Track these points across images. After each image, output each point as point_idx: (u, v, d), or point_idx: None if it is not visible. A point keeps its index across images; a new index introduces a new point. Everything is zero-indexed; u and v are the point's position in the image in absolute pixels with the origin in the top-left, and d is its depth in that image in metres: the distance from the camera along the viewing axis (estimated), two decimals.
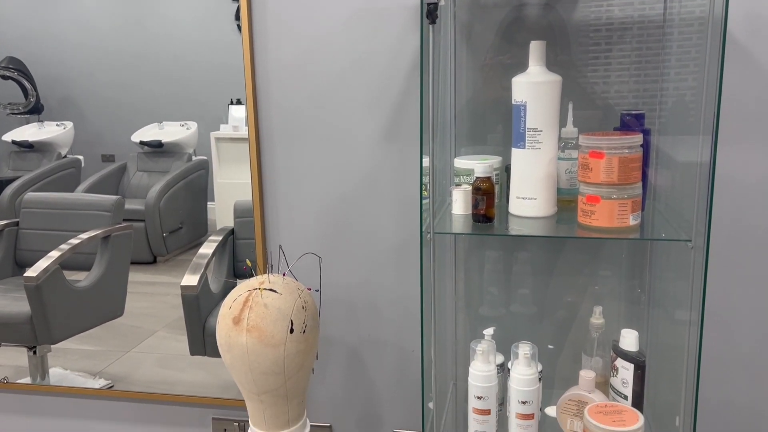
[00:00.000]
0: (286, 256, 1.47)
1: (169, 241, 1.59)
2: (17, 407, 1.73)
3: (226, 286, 1.56)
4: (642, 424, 1.07)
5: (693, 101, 1.21)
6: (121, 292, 1.62)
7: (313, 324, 1.23)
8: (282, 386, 1.22)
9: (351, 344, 1.52)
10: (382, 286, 1.46)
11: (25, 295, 1.66)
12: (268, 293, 1.19)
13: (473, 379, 1.12)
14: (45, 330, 1.67)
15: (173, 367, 1.63)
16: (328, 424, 1.57)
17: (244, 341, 1.17)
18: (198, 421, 1.63)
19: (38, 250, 1.64)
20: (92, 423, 1.69)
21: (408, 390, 1.51)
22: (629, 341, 1.16)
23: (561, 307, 1.37)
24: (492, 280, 1.39)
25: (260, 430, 1.27)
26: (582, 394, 1.18)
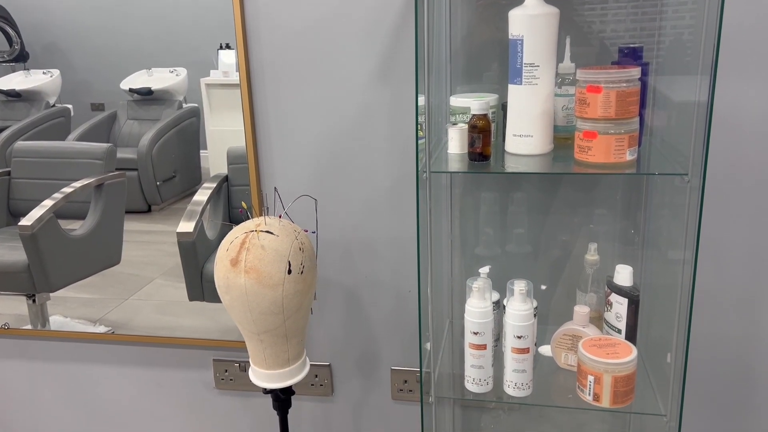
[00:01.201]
0: (281, 199, 1.46)
1: (163, 189, 1.58)
2: (19, 353, 1.75)
3: (222, 232, 1.57)
4: (635, 356, 1.10)
5: (691, 40, 1.19)
6: (117, 240, 1.62)
7: (311, 265, 1.24)
8: (281, 326, 1.23)
9: (348, 285, 1.53)
10: (379, 227, 1.47)
11: (20, 244, 1.66)
12: (265, 235, 1.20)
13: (469, 316, 1.14)
14: (43, 278, 1.68)
15: (172, 313, 1.65)
16: (327, 363, 1.60)
17: (243, 282, 1.18)
18: (199, 363, 1.66)
19: (31, 199, 1.64)
20: (94, 366, 1.72)
21: (405, 329, 1.53)
22: (623, 276, 1.17)
23: (556, 246, 1.38)
24: (488, 220, 1.40)
25: (261, 368, 1.29)
26: (576, 328, 1.20)
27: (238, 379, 1.64)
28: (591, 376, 1.10)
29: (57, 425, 1.79)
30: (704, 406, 1.44)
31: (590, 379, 1.10)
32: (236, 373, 1.64)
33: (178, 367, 1.67)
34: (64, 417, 1.78)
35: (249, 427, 1.68)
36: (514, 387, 1.15)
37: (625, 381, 1.09)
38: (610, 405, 1.09)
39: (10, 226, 1.68)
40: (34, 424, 1.80)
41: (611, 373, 1.08)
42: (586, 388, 1.11)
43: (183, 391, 1.69)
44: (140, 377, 1.70)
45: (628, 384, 1.09)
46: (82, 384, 1.74)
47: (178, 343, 1.63)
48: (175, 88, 1.50)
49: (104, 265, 1.64)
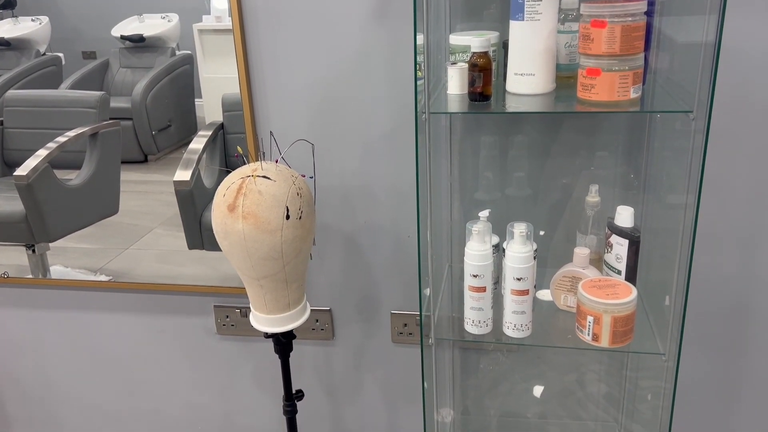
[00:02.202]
0: (278, 144, 1.44)
1: (159, 139, 1.56)
2: (22, 301, 1.76)
3: (219, 180, 1.55)
4: (635, 296, 1.10)
5: None
6: (114, 189, 1.61)
7: (309, 210, 1.23)
8: (281, 271, 1.23)
9: (348, 231, 1.52)
10: (378, 171, 1.45)
11: (17, 194, 1.65)
12: (262, 180, 1.18)
13: (469, 259, 1.14)
14: (41, 228, 1.67)
15: (173, 262, 1.65)
16: (328, 308, 1.61)
17: (241, 228, 1.17)
18: (200, 309, 1.67)
19: (25, 149, 1.62)
20: (96, 314, 1.73)
21: (405, 273, 1.53)
22: (624, 217, 1.16)
23: (557, 188, 1.37)
24: (488, 164, 1.38)
25: (261, 313, 1.30)
26: (576, 270, 1.20)
27: (240, 325, 1.66)
28: (590, 316, 1.10)
29: (62, 372, 1.82)
30: (702, 345, 1.46)
31: (589, 319, 1.10)
32: (237, 319, 1.65)
33: (179, 314, 1.68)
34: (68, 364, 1.80)
35: (251, 371, 1.71)
36: (513, 328, 1.16)
37: (624, 321, 1.09)
38: (609, 345, 1.10)
39: (6, 176, 1.66)
40: (39, 371, 1.83)
41: (610, 313, 1.08)
42: (585, 328, 1.12)
43: (185, 337, 1.71)
44: (142, 324, 1.71)
45: (627, 324, 1.10)
46: (85, 331, 1.76)
47: (178, 290, 1.64)
48: (168, 35, 1.46)
49: (102, 214, 1.64)
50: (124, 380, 1.79)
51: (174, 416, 1.80)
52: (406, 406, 1.67)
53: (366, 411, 1.69)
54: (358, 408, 1.69)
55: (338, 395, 1.69)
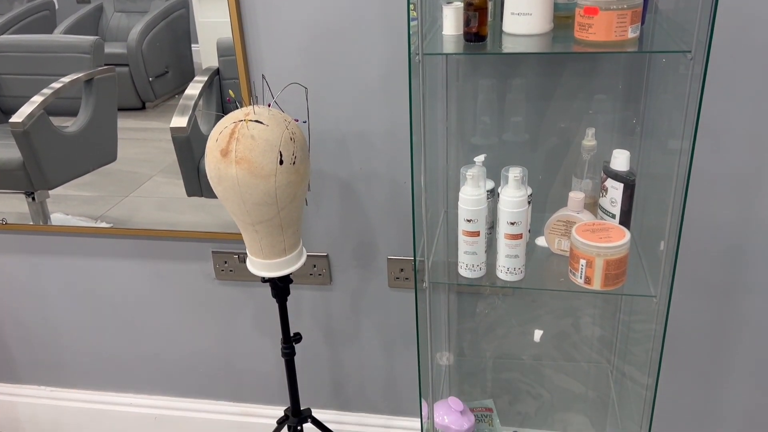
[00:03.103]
0: (270, 87, 1.42)
1: (156, 85, 1.54)
2: (23, 248, 1.78)
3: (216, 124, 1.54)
4: (628, 239, 1.10)
5: None
6: (112, 136, 1.60)
7: (303, 155, 1.22)
8: (276, 216, 1.23)
9: (343, 177, 1.52)
10: (373, 116, 1.43)
11: (12, 141, 1.64)
12: (255, 125, 1.17)
13: (463, 203, 1.14)
14: (39, 175, 1.67)
15: (172, 209, 1.66)
16: (325, 254, 1.62)
17: (234, 173, 1.17)
18: (198, 255, 1.68)
19: (20, 95, 1.60)
20: (97, 260, 1.75)
21: (401, 219, 1.54)
22: (620, 161, 1.16)
23: (554, 133, 1.36)
24: (484, 108, 1.36)
25: (258, 258, 1.31)
26: (570, 214, 1.20)
27: (238, 270, 1.68)
28: (583, 260, 1.11)
29: (64, 317, 1.85)
30: (694, 288, 1.47)
31: (582, 263, 1.11)
32: (236, 265, 1.67)
33: (178, 260, 1.70)
34: (70, 309, 1.83)
35: (251, 314, 1.74)
36: (506, 272, 1.17)
37: (616, 264, 1.10)
38: (601, 287, 1.11)
39: (2, 123, 1.65)
40: (41, 316, 1.86)
41: (603, 256, 1.09)
42: (578, 271, 1.12)
43: (184, 283, 1.73)
44: (142, 270, 1.73)
45: (620, 267, 1.11)
46: (86, 277, 1.78)
47: (177, 236, 1.65)
48: None
49: (100, 162, 1.63)
50: (126, 325, 1.82)
51: (175, 359, 1.84)
52: (403, 349, 1.70)
53: (364, 354, 1.73)
54: (355, 351, 1.73)
55: (336, 338, 1.72)
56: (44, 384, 1.97)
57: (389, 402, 1.78)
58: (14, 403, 1.98)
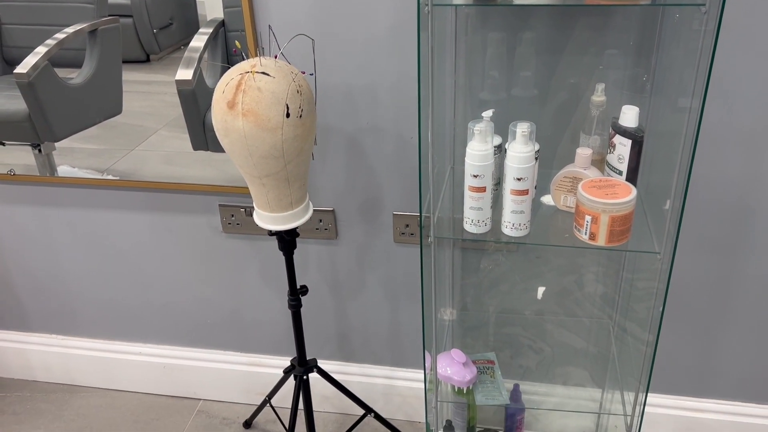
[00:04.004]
0: (277, 38, 1.40)
1: (161, 37, 1.52)
2: (32, 199, 1.79)
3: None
4: (634, 196, 1.10)
5: None
6: (117, 88, 1.58)
7: (310, 108, 1.22)
8: (282, 170, 1.24)
9: (350, 132, 1.51)
10: (380, 70, 1.42)
11: (18, 93, 1.63)
12: (261, 76, 1.16)
13: (470, 159, 1.14)
14: (45, 127, 1.67)
15: (178, 163, 1.66)
16: (331, 209, 1.63)
17: (241, 126, 1.16)
18: (205, 208, 1.69)
19: (24, 46, 1.58)
20: (105, 212, 1.76)
21: (408, 175, 1.54)
22: (629, 117, 1.15)
23: (563, 89, 1.34)
24: (493, 63, 1.34)
25: (264, 211, 1.32)
26: (577, 170, 1.20)
27: (245, 224, 1.69)
28: (588, 216, 1.11)
29: (73, 268, 1.87)
30: (699, 245, 1.48)
31: (587, 219, 1.11)
32: (242, 218, 1.68)
33: (186, 213, 1.71)
34: (79, 260, 1.86)
35: (257, 267, 1.76)
36: (511, 227, 1.17)
37: (621, 221, 1.10)
38: (606, 243, 1.12)
39: (6, 74, 1.64)
40: (51, 267, 1.89)
41: (608, 213, 1.09)
42: (583, 227, 1.13)
43: (192, 236, 1.74)
44: (151, 222, 1.75)
45: (625, 224, 1.11)
46: (95, 229, 1.79)
47: (184, 189, 1.66)
48: None
49: (106, 114, 1.63)
50: (135, 276, 1.85)
51: (183, 310, 1.88)
52: (407, 303, 1.72)
53: (368, 307, 1.75)
54: (360, 304, 1.75)
55: (342, 292, 1.74)
56: (54, 332, 2.01)
57: (392, 354, 1.82)
58: (25, 350, 2.03)
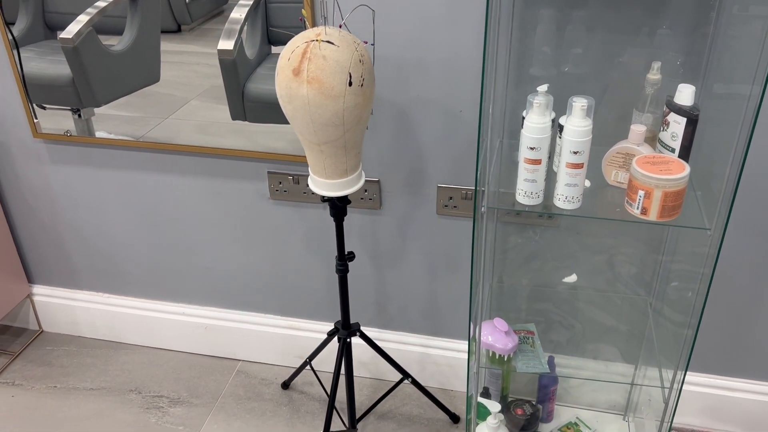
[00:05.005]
0: (340, 7, 1.43)
1: (192, 7, 1.54)
2: (83, 160, 1.84)
3: (261, 51, 1.56)
4: (688, 173, 1.13)
5: None
6: (155, 56, 1.62)
7: (370, 78, 1.25)
8: (341, 137, 1.27)
9: (399, 104, 1.55)
10: (433, 44, 1.44)
11: (61, 57, 1.67)
12: (326, 45, 1.19)
13: (527, 131, 1.16)
14: (88, 92, 1.71)
15: (213, 133, 1.69)
16: (377, 179, 1.67)
17: (305, 93, 1.20)
18: (254, 175, 1.73)
19: (66, 12, 1.62)
20: (153, 175, 1.81)
21: (453, 148, 1.57)
22: (685, 95, 1.17)
23: (613, 67, 1.36)
24: (545, 39, 1.36)
25: (320, 178, 1.36)
26: (630, 146, 1.22)
27: (292, 191, 1.73)
28: (642, 191, 1.14)
29: (122, 228, 1.93)
30: (743, 225, 1.50)
31: (640, 194, 1.14)
32: (290, 185, 1.72)
33: (235, 179, 1.75)
34: (128, 221, 1.91)
35: (301, 234, 1.81)
36: (564, 200, 1.21)
37: (674, 196, 1.13)
38: (657, 218, 1.15)
39: (48, 39, 1.68)
40: (100, 227, 1.95)
41: (662, 188, 1.12)
42: (635, 202, 1.16)
43: (239, 201, 1.79)
44: (199, 187, 1.79)
45: (677, 200, 1.14)
46: (144, 191, 1.85)
47: (235, 155, 1.70)
48: None
49: (145, 81, 1.66)
50: (181, 238, 1.90)
51: (227, 273, 1.93)
52: (445, 274, 1.76)
53: (407, 277, 1.80)
54: (400, 273, 1.80)
55: (382, 261, 1.79)
56: (101, 290, 2.08)
57: (428, 323, 1.86)
58: (73, 307, 2.11)
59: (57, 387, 1.97)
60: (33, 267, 2.08)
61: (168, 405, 1.90)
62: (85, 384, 1.98)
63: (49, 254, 2.04)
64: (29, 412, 1.88)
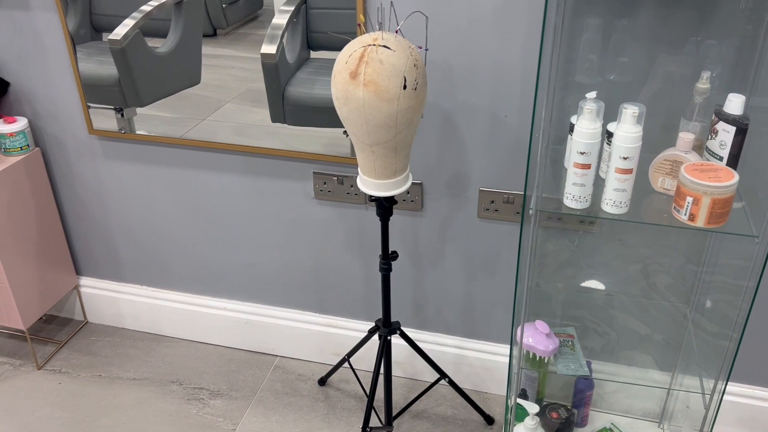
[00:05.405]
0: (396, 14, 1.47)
1: (228, 12, 1.59)
2: (135, 156, 1.90)
3: (300, 56, 1.60)
4: (736, 180, 1.15)
5: None
6: (197, 59, 1.67)
7: (423, 82, 1.29)
8: (393, 139, 1.31)
9: (445, 108, 1.58)
10: (480, 50, 1.48)
11: (107, 58, 1.73)
12: (383, 50, 1.23)
13: (578, 136, 1.19)
14: (133, 92, 1.77)
15: (249, 135, 1.74)
16: (420, 182, 1.70)
17: (361, 95, 1.24)
18: (299, 174, 1.78)
19: (112, 14, 1.68)
20: (200, 172, 1.86)
21: (497, 152, 1.60)
22: (735, 105, 1.19)
23: (660, 76, 1.38)
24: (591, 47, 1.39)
25: (370, 178, 1.40)
26: (678, 154, 1.24)
27: (335, 191, 1.78)
28: (690, 197, 1.16)
29: (168, 224, 1.99)
30: None
31: (688, 200, 1.16)
32: (334, 186, 1.77)
33: (280, 178, 1.80)
34: (174, 217, 1.97)
35: (342, 233, 1.85)
36: (612, 205, 1.23)
37: (722, 204, 1.15)
38: (705, 225, 1.17)
39: (95, 41, 1.74)
40: (148, 222, 2.01)
41: (711, 195, 1.14)
42: (683, 208, 1.18)
43: (284, 200, 1.84)
44: (245, 185, 1.85)
45: (725, 207, 1.16)
46: (191, 188, 1.90)
47: (281, 155, 1.75)
48: None
49: (186, 84, 1.71)
50: (225, 235, 1.96)
51: (268, 270, 1.98)
52: (484, 277, 1.79)
53: (445, 279, 1.83)
54: (438, 275, 1.83)
55: (421, 262, 1.82)
56: (145, 284, 2.14)
57: (465, 325, 1.89)
58: (117, 299, 2.17)
59: (101, 376, 2.03)
60: (81, 259, 2.15)
61: (208, 397, 1.95)
62: (128, 374, 2.04)
63: (98, 247, 2.11)
64: (75, 399, 1.95)
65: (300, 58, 1.61)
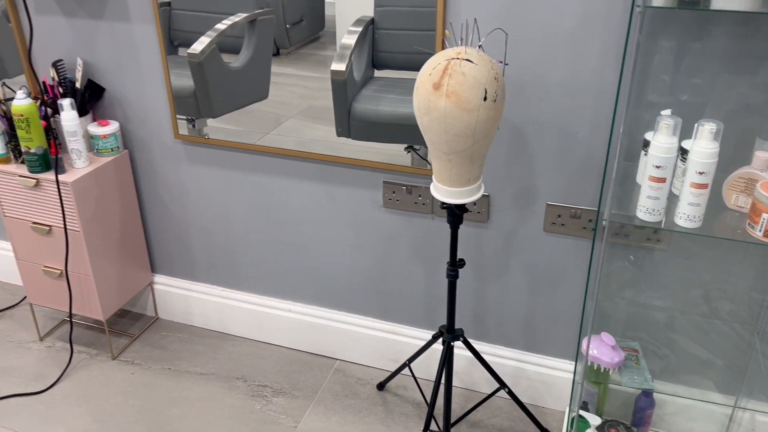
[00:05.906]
0: (479, 30, 1.54)
1: (292, 33, 1.68)
2: (215, 161, 2.01)
3: (365, 74, 1.68)
4: None
5: None
6: (266, 75, 1.76)
7: (502, 94, 1.35)
8: (469, 148, 1.37)
9: (516, 122, 1.63)
10: (554, 66, 1.53)
11: (184, 71, 1.84)
12: (466, 63, 1.30)
13: (654, 150, 1.23)
14: (207, 104, 1.88)
15: (311, 149, 1.83)
16: (487, 194, 1.75)
17: (443, 105, 1.31)
18: (369, 184, 1.85)
19: (189, 30, 1.79)
20: (275, 178, 1.95)
21: (566, 167, 1.63)
22: None
23: (732, 97, 1.40)
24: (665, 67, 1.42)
25: (444, 185, 1.46)
26: (753, 172, 1.26)
27: (404, 200, 1.84)
28: (765, 214, 1.18)
29: (240, 226, 2.09)
30: None
31: (764, 216, 1.18)
32: (402, 195, 1.83)
33: (351, 186, 1.88)
34: (247, 220, 2.07)
35: (408, 241, 1.90)
36: (686, 219, 1.25)
37: None
38: None
39: (170, 55, 1.86)
40: (222, 224, 2.11)
41: None
42: (758, 225, 1.20)
43: (353, 207, 1.91)
44: (317, 192, 1.93)
45: None
46: (266, 193, 1.99)
47: (353, 163, 1.82)
48: None
49: (256, 97, 1.81)
50: (295, 239, 2.04)
51: (333, 275, 2.05)
52: (546, 291, 1.82)
53: (508, 291, 1.86)
54: (500, 287, 1.86)
55: (485, 273, 1.86)
56: (216, 284, 2.24)
57: (525, 338, 1.92)
58: (189, 297, 2.28)
59: (171, 369, 2.13)
60: (157, 257, 2.27)
61: (271, 395, 2.03)
62: (196, 369, 2.13)
63: (174, 246, 2.22)
64: (147, 389, 2.05)
65: (365, 76, 1.69)
